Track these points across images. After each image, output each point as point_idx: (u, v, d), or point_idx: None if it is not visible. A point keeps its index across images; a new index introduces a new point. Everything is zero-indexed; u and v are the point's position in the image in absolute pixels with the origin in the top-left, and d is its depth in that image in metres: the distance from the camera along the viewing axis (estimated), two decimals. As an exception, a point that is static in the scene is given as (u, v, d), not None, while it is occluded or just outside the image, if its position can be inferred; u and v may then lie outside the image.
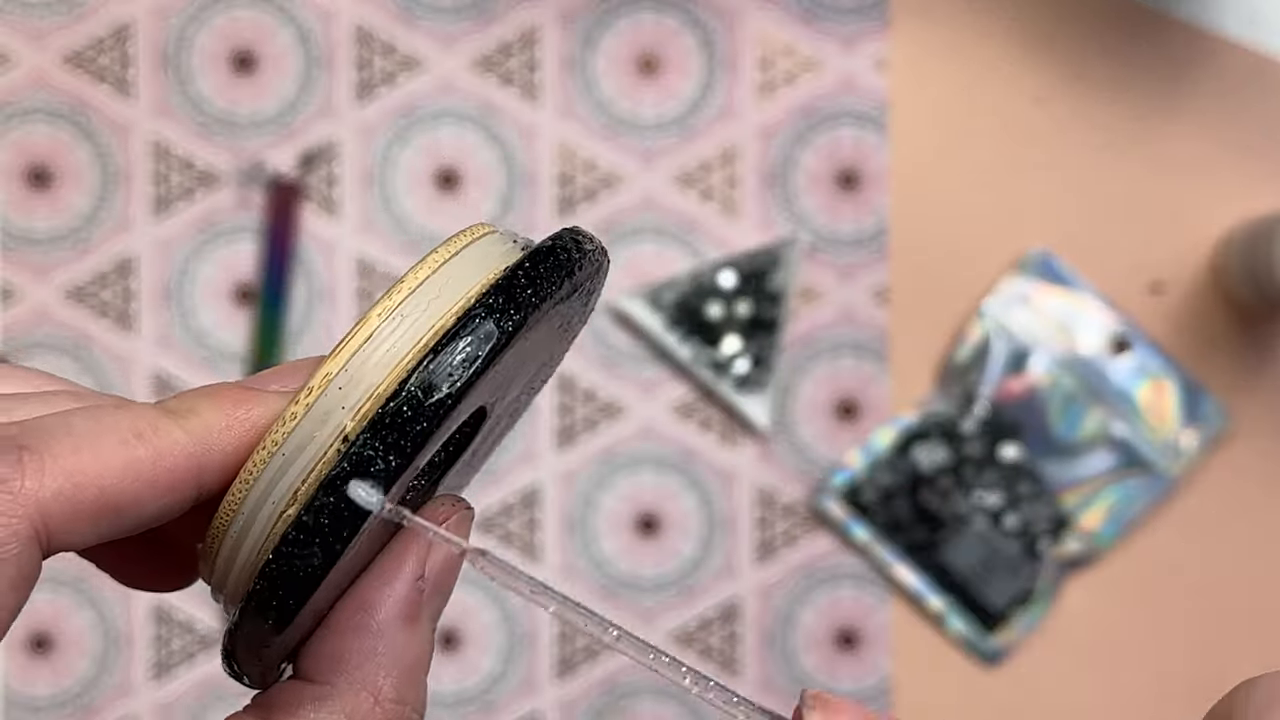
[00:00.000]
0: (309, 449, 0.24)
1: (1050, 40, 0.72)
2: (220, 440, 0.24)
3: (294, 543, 0.23)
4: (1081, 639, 0.71)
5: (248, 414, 0.24)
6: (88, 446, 0.23)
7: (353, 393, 0.24)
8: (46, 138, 0.70)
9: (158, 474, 0.23)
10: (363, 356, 0.24)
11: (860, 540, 0.71)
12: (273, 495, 0.24)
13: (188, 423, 0.24)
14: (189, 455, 0.24)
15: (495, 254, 0.25)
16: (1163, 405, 0.71)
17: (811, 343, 0.71)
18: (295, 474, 0.24)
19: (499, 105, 0.71)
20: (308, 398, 0.24)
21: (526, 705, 0.70)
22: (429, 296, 0.24)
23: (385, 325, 0.24)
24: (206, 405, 0.24)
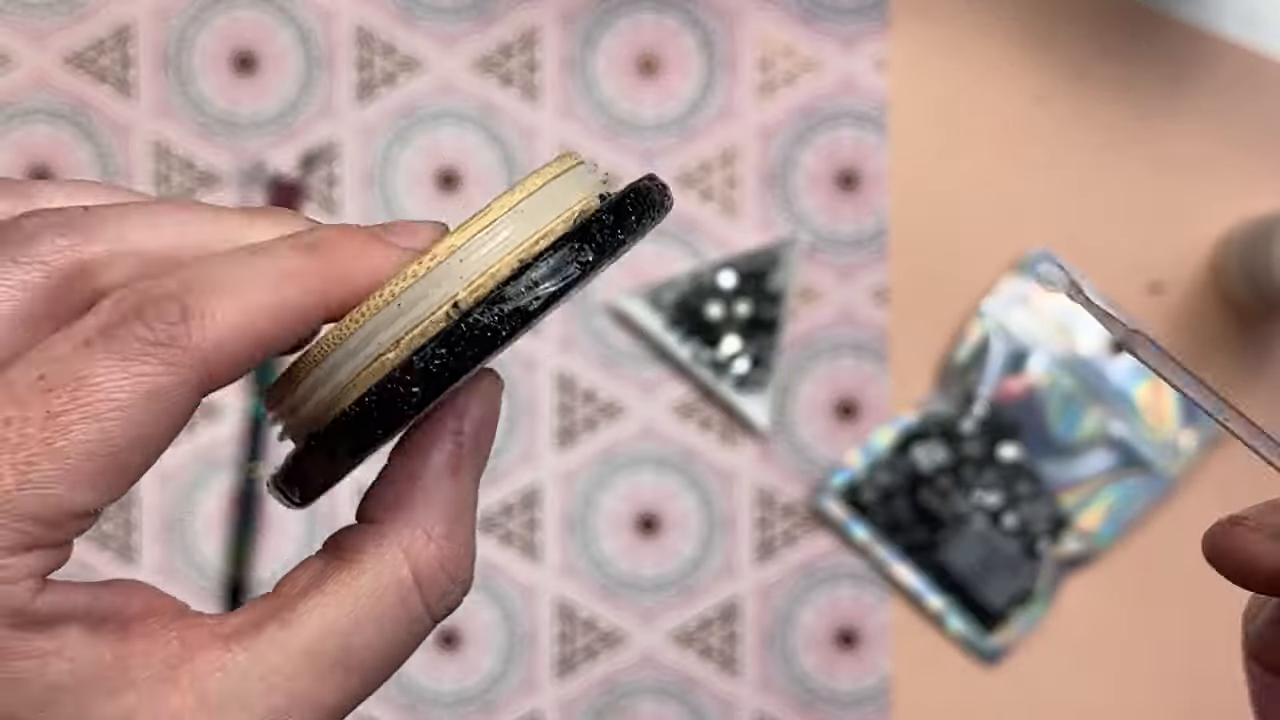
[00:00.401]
0: (420, 306, 0.26)
1: (1050, 40, 0.72)
2: (351, 275, 0.27)
3: (398, 380, 0.26)
4: (1080, 639, 0.71)
5: (374, 259, 0.27)
6: (241, 296, 0.25)
7: (470, 267, 0.27)
8: (47, 138, 0.70)
9: (303, 311, 0.26)
10: (483, 240, 0.27)
11: (860, 540, 0.71)
12: (379, 337, 0.26)
13: (326, 259, 0.26)
14: (326, 291, 0.26)
15: (592, 181, 0.29)
16: (1161, 405, 0.71)
17: (811, 343, 0.71)
18: (404, 324, 0.26)
19: (499, 106, 0.71)
20: (431, 260, 0.26)
21: (526, 705, 0.71)
22: (542, 202, 0.28)
23: (505, 218, 0.27)
24: (343, 242, 0.27)
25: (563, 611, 0.71)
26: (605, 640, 0.71)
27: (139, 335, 0.24)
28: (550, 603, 0.71)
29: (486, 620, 0.71)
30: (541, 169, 0.29)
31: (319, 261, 0.26)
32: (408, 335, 0.27)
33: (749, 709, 0.71)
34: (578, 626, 0.71)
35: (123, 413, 0.24)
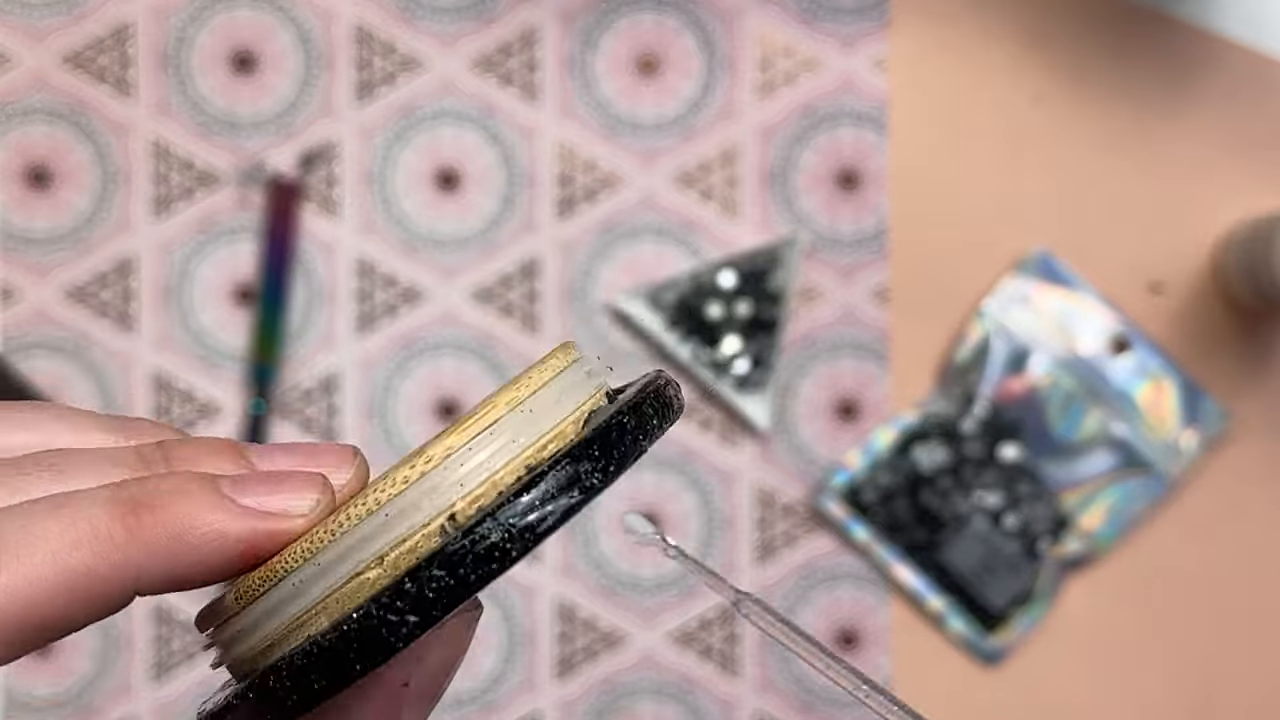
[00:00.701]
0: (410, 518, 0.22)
1: (1050, 40, 0.72)
2: (170, 550, 0.22)
3: (385, 606, 0.22)
4: (1081, 639, 0.71)
5: (213, 526, 0.22)
6: (14, 563, 0.21)
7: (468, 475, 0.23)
8: (46, 138, 0.70)
9: (93, 585, 0.22)
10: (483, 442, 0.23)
11: (860, 540, 0.71)
12: (355, 556, 0.23)
13: (140, 525, 0.22)
14: (131, 564, 0.22)
15: (596, 382, 0.25)
16: (1162, 405, 0.71)
17: (811, 343, 0.71)
18: (389, 539, 0.22)
19: (499, 105, 0.71)
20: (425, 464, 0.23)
21: (526, 705, 0.70)
22: (548, 400, 0.24)
23: (508, 418, 0.23)
24: (168, 505, 0.22)
25: (563, 611, 0.71)
26: (605, 640, 0.71)
27: None
28: (550, 603, 0.71)
29: (486, 620, 0.71)
30: (541, 363, 0.25)
31: (133, 526, 0.22)
32: (394, 552, 0.22)
33: (749, 709, 0.71)
34: (578, 626, 0.71)
35: None
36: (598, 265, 0.71)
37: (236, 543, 0.22)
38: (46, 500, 0.22)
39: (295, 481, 0.23)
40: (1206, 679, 0.72)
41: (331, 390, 0.70)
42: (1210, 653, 0.72)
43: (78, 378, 0.70)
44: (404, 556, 0.22)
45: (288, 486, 0.23)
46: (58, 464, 0.23)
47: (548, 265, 0.71)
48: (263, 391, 0.69)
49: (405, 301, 0.71)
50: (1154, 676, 0.72)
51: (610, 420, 0.23)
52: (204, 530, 0.22)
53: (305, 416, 0.70)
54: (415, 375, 0.71)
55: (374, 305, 0.71)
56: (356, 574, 0.22)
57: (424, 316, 0.71)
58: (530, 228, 0.71)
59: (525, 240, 0.71)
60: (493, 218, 0.71)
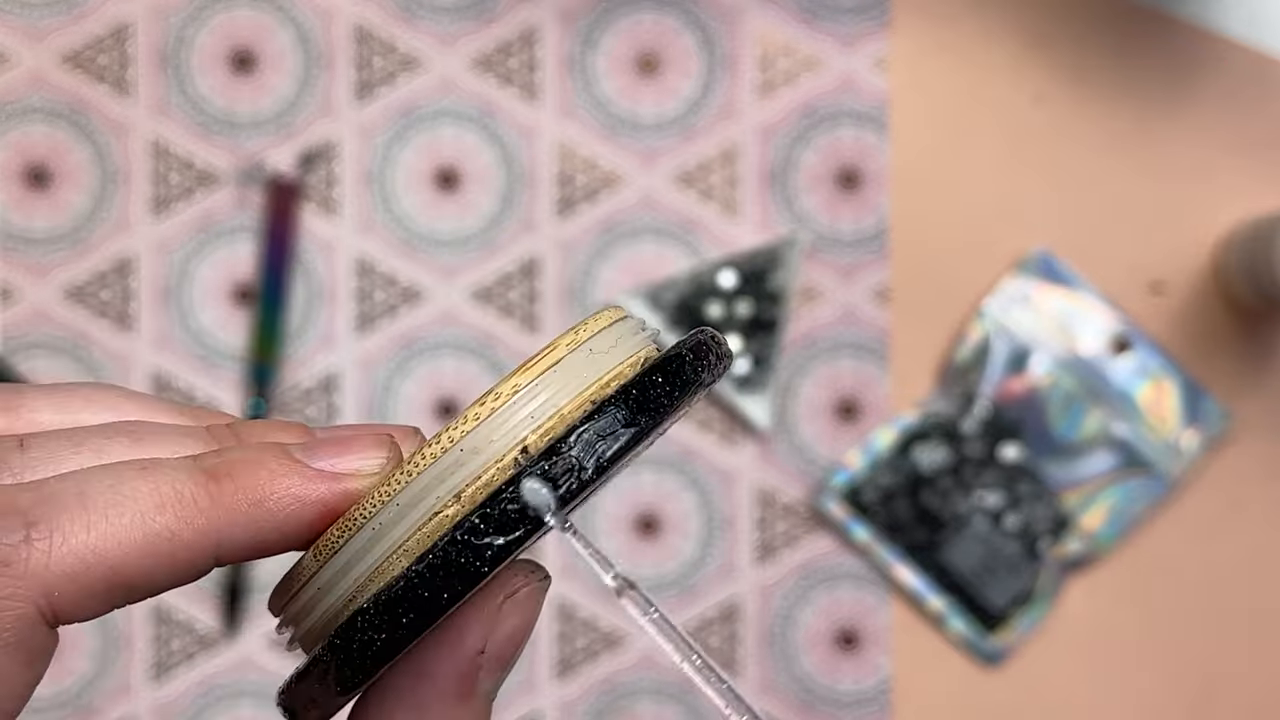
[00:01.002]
0: (482, 454, 0.23)
1: (1051, 40, 0.72)
2: (251, 516, 0.23)
3: (458, 545, 0.22)
4: (1082, 640, 0.71)
5: (289, 491, 0.23)
6: (102, 521, 0.21)
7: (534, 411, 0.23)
8: (45, 137, 0.70)
9: (176, 549, 0.22)
10: (497, 421, 0.23)
11: (860, 540, 0.71)
12: (418, 507, 0.23)
13: (221, 492, 0.22)
14: (214, 530, 0.22)
15: (643, 338, 0.26)
16: (1163, 405, 0.71)
17: (812, 343, 0.71)
18: (462, 477, 0.23)
19: (499, 105, 0.71)
20: (495, 401, 0.23)
21: (526, 705, 0.70)
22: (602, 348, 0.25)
23: (544, 379, 0.24)
24: (247, 473, 0.23)
25: (562, 611, 0.71)
26: (605, 640, 0.71)
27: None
28: (550, 602, 0.71)
29: (486, 621, 0.71)
30: (595, 315, 0.25)
31: (215, 492, 0.22)
32: (470, 487, 0.23)
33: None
34: (578, 626, 0.71)
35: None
36: (598, 265, 0.71)
37: (314, 505, 0.23)
38: (133, 462, 0.22)
39: (363, 442, 0.24)
40: (1207, 679, 0.72)
41: (331, 390, 0.70)
42: (1211, 653, 0.72)
43: (77, 378, 0.70)
44: (481, 489, 0.23)
45: (356, 447, 0.24)
46: (136, 432, 0.24)
47: (547, 265, 0.71)
48: (262, 391, 0.69)
49: (405, 301, 0.71)
50: (1155, 677, 0.72)
51: (670, 355, 0.24)
52: (281, 495, 0.23)
53: (305, 416, 0.70)
54: (415, 375, 0.71)
55: (373, 305, 0.71)
56: (435, 512, 0.23)
57: (424, 316, 0.71)
58: (530, 227, 0.71)
59: (525, 240, 0.71)
60: (492, 217, 0.71)
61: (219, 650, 0.69)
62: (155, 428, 0.24)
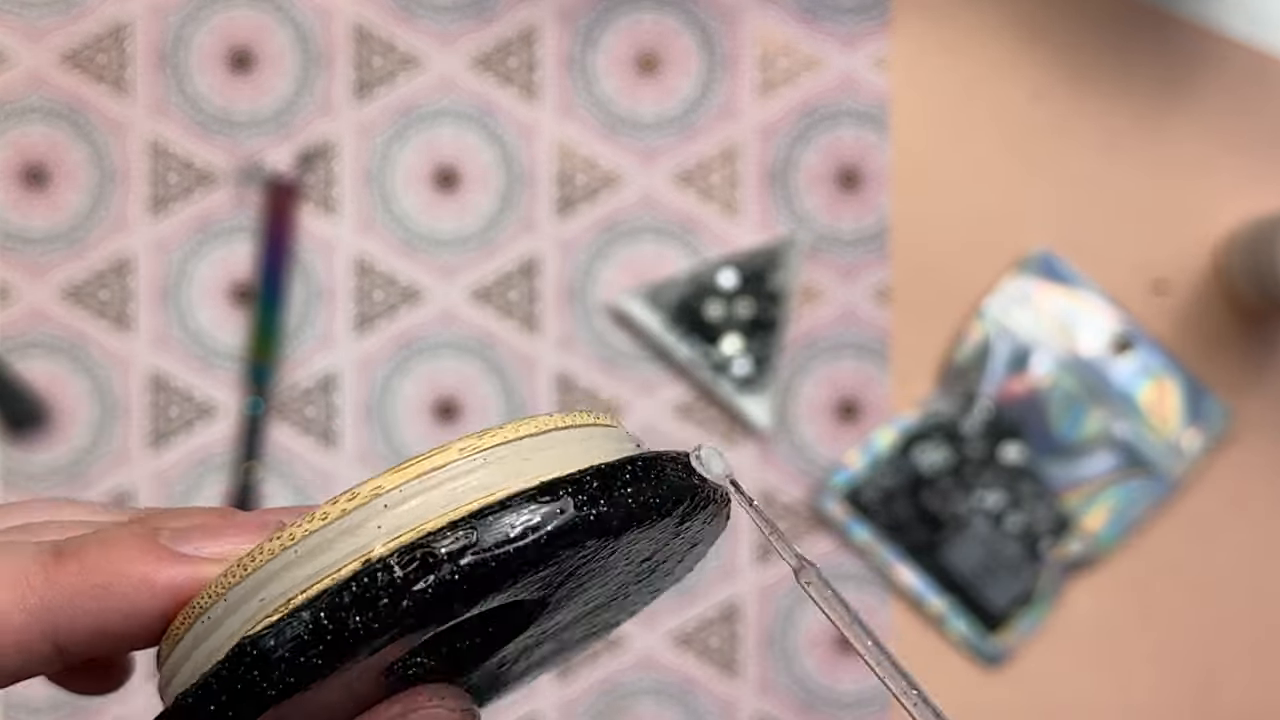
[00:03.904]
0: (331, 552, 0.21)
1: (1051, 38, 0.72)
2: (94, 598, 0.21)
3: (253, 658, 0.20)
4: (1083, 640, 0.71)
5: (138, 575, 0.21)
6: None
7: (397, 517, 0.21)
8: (44, 137, 0.70)
9: (4, 632, 0.21)
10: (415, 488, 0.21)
11: (861, 541, 0.70)
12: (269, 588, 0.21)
13: (62, 572, 0.21)
14: (47, 611, 0.21)
15: (607, 445, 0.23)
16: (1165, 405, 0.71)
17: (812, 343, 0.71)
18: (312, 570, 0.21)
19: (498, 104, 0.71)
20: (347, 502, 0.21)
21: (526, 705, 0.70)
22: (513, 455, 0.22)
23: (411, 486, 0.22)
24: (95, 555, 0.21)
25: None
26: (605, 641, 0.71)
27: None
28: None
29: (485, 621, 0.71)
30: (534, 418, 0.23)
31: (54, 572, 0.21)
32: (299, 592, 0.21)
33: (749, 710, 0.71)
34: (577, 627, 0.71)
35: None
36: (598, 265, 0.71)
37: (163, 590, 0.22)
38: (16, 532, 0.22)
39: (244, 527, 0.22)
40: (1208, 679, 0.72)
41: (330, 390, 0.70)
42: (1211, 653, 0.72)
43: (75, 378, 0.70)
44: (306, 594, 0.21)
45: (232, 533, 0.22)
46: (34, 519, 0.23)
47: (547, 264, 0.71)
48: (260, 391, 0.69)
49: (404, 301, 0.70)
50: (1156, 677, 0.72)
51: (575, 478, 0.21)
52: (130, 576, 0.21)
53: (303, 416, 0.70)
54: (414, 375, 0.70)
55: (372, 305, 0.70)
56: (263, 611, 0.21)
57: (423, 316, 0.70)
58: (530, 227, 0.71)
59: (525, 239, 0.71)
60: (492, 217, 0.71)
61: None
62: (59, 513, 0.23)
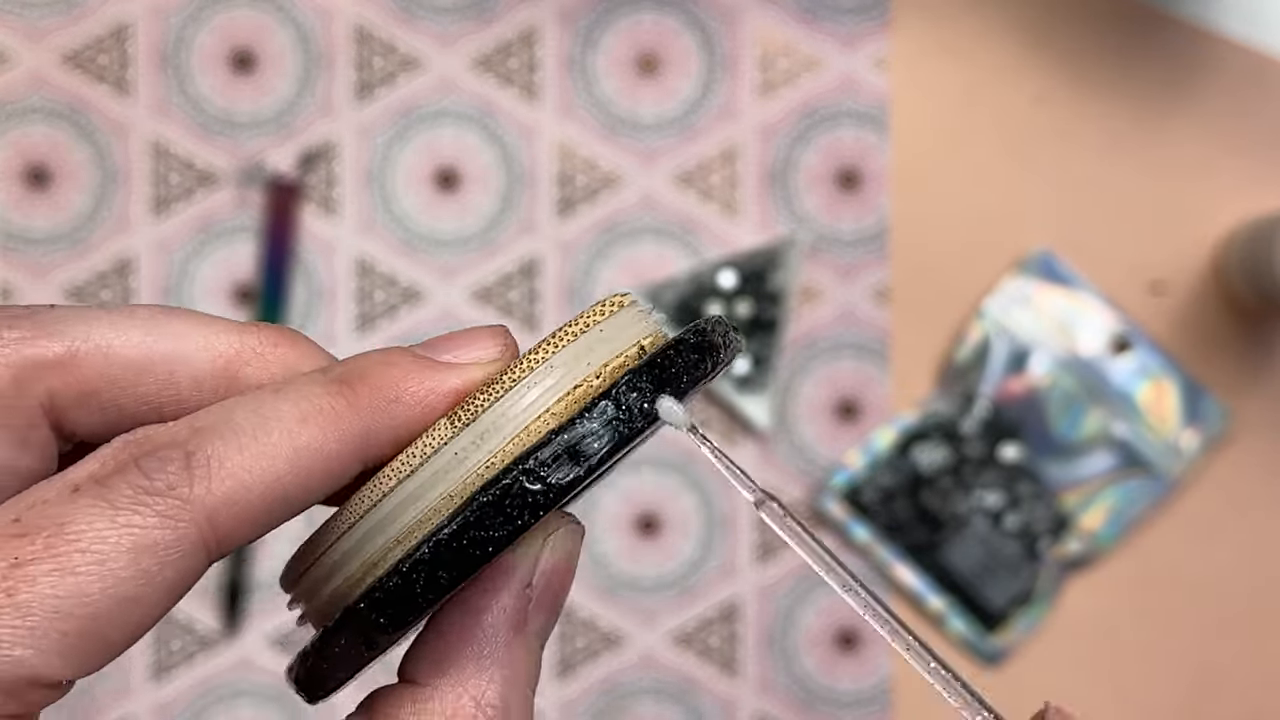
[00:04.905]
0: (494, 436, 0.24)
1: (1051, 39, 0.72)
2: (390, 414, 0.24)
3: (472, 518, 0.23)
4: (1082, 640, 0.71)
5: (422, 387, 0.24)
6: (252, 443, 0.22)
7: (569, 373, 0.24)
8: (45, 137, 0.70)
9: (325, 459, 0.23)
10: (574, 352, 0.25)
11: (860, 540, 0.71)
12: (435, 488, 0.24)
13: (357, 396, 0.23)
14: (357, 434, 0.23)
15: (643, 326, 0.27)
16: (1163, 406, 0.71)
17: (812, 343, 0.71)
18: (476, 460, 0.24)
19: (499, 105, 0.71)
20: (498, 390, 0.24)
21: (526, 705, 0.70)
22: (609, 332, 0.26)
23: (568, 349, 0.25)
24: (380, 371, 0.24)
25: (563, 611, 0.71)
26: (605, 640, 0.71)
27: (133, 483, 0.21)
28: (550, 603, 0.71)
29: (486, 621, 0.71)
30: (594, 307, 0.26)
31: (351, 398, 0.23)
32: (475, 473, 0.24)
33: (749, 709, 0.71)
34: (578, 626, 0.71)
35: (102, 567, 0.20)
36: (598, 265, 0.71)
37: (447, 394, 0.24)
38: (269, 386, 0.23)
39: (477, 335, 0.25)
40: (1207, 679, 0.72)
41: (331, 390, 0.70)
42: (1211, 653, 0.72)
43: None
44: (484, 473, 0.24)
45: (472, 339, 0.25)
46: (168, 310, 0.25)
47: (547, 265, 0.71)
48: (262, 391, 0.69)
49: (405, 301, 0.71)
50: (1155, 677, 0.72)
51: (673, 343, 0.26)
52: (415, 389, 0.24)
53: (305, 416, 0.70)
54: (415, 375, 0.70)
55: (374, 305, 0.71)
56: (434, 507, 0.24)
57: (424, 316, 0.71)
58: (530, 227, 0.71)
59: (525, 240, 0.71)
60: (492, 217, 0.71)
61: (219, 650, 0.69)
62: (184, 310, 0.25)
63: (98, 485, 0.21)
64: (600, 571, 0.71)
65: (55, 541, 0.20)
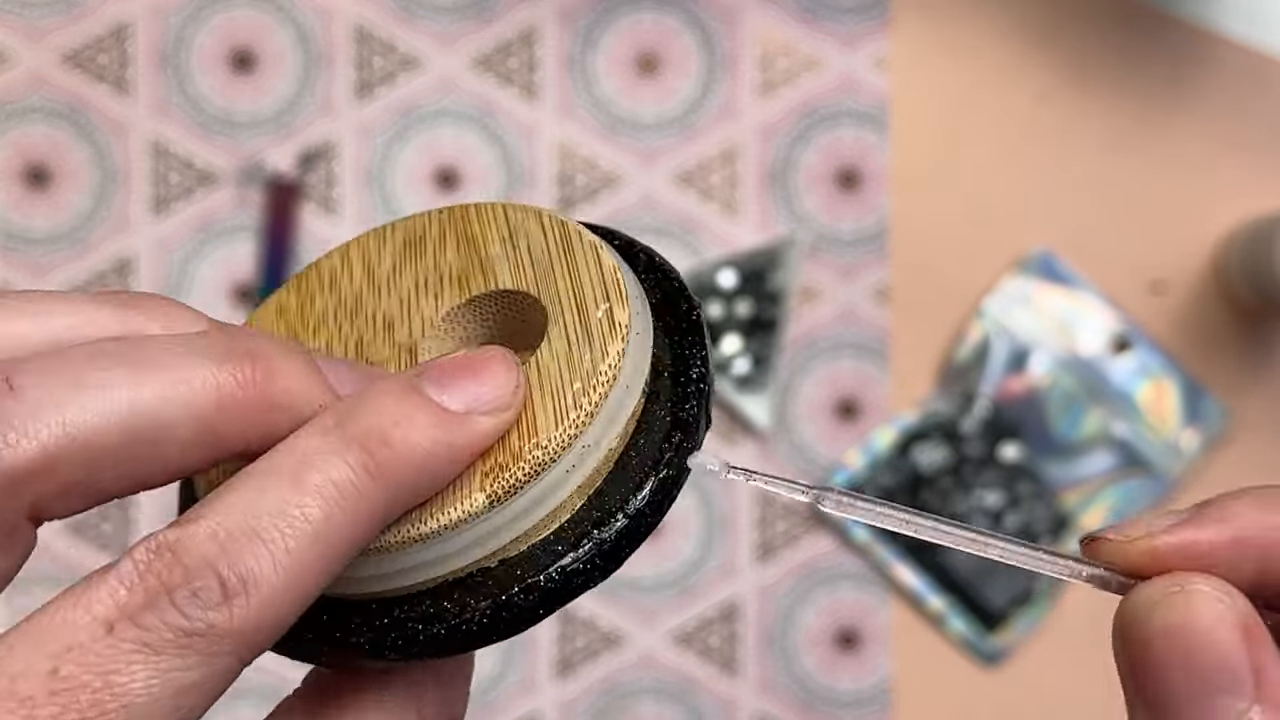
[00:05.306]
0: None
1: (1051, 39, 0.72)
2: (415, 487, 0.22)
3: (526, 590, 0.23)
4: (1081, 639, 0.71)
5: (448, 449, 0.23)
6: (285, 557, 0.21)
7: None
8: (45, 137, 0.70)
9: (353, 546, 0.22)
10: None
11: (860, 540, 0.71)
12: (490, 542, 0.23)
13: (380, 469, 0.22)
14: (380, 512, 0.22)
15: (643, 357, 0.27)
16: (1163, 405, 0.71)
17: (811, 342, 0.71)
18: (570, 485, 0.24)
19: (498, 105, 0.71)
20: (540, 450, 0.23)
21: (526, 705, 0.70)
22: None
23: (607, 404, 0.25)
24: (401, 440, 0.22)
25: (562, 611, 0.71)
26: (605, 640, 0.71)
27: (172, 625, 0.20)
28: (550, 603, 0.71)
29: (486, 621, 0.71)
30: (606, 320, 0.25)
31: (374, 471, 0.22)
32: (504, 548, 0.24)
33: (749, 709, 0.71)
34: (578, 626, 0.71)
35: (147, 715, 0.20)
36: (597, 265, 0.71)
37: (469, 454, 0.23)
38: (279, 462, 0.22)
39: (491, 370, 0.23)
40: (1207, 679, 0.72)
41: (331, 390, 0.70)
42: (1211, 653, 0.72)
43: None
44: None
45: (487, 374, 0.23)
46: (131, 356, 0.22)
47: (547, 265, 0.71)
48: (262, 391, 0.69)
49: (405, 301, 0.70)
50: (1154, 677, 0.72)
51: None
52: (440, 454, 0.22)
53: (305, 416, 0.70)
54: (415, 375, 0.70)
55: (373, 305, 0.70)
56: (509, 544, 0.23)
57: (423, 316, 0.70)
58: (530, 227, 0.71)
59: (525, 240, 0.71)
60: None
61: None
62: (151, 345, 0.22)
63: (134, 627, 0.20)
64: (600, 571, 0.71)
65: (103, 698, 0.19)
